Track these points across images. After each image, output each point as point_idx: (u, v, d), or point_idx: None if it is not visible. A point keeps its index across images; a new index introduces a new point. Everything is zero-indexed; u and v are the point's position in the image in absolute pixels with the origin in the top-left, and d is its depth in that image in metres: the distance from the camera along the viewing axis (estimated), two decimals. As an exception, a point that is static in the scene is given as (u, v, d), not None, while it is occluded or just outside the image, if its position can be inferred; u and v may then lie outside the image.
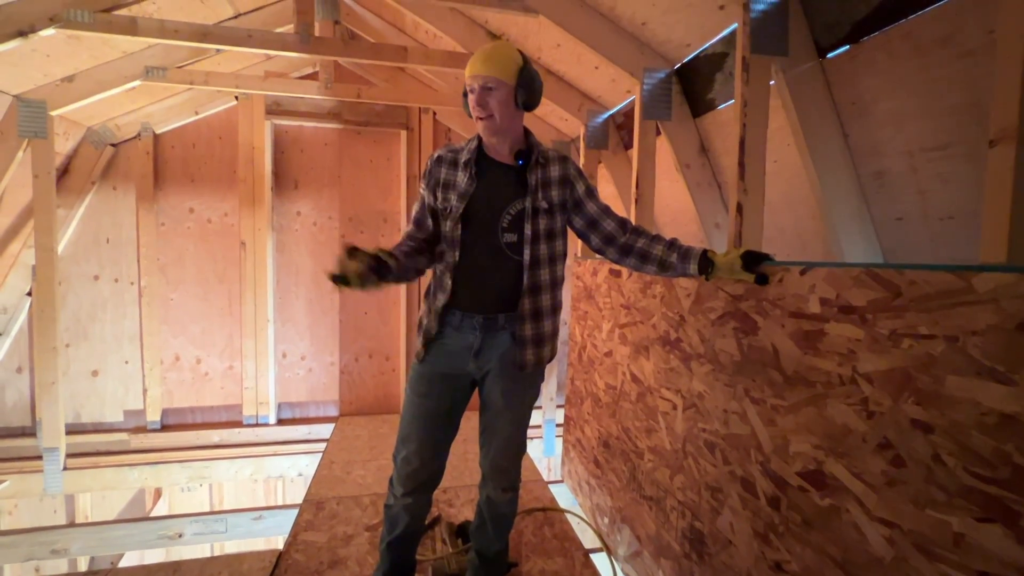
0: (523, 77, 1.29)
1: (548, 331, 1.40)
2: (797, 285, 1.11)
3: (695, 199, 2.13)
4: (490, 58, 1.28)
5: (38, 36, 2.07)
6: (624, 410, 1.98)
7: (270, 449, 3.46)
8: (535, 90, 1.32)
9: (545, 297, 1.37)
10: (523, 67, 1.30)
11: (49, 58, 2.45)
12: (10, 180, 2.71)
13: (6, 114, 2.60)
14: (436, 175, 1.38)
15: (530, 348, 1.36)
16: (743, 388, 1.28)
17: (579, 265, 2.55)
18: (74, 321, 3.31)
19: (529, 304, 1.35)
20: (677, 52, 2.00)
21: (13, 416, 3.25)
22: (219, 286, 3.50)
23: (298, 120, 3.51)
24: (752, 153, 1.48)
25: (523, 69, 1.30)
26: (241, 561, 1.81)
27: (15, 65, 2.39)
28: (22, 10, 2.03)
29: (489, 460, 1.46)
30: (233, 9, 2.78)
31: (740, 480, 1.29)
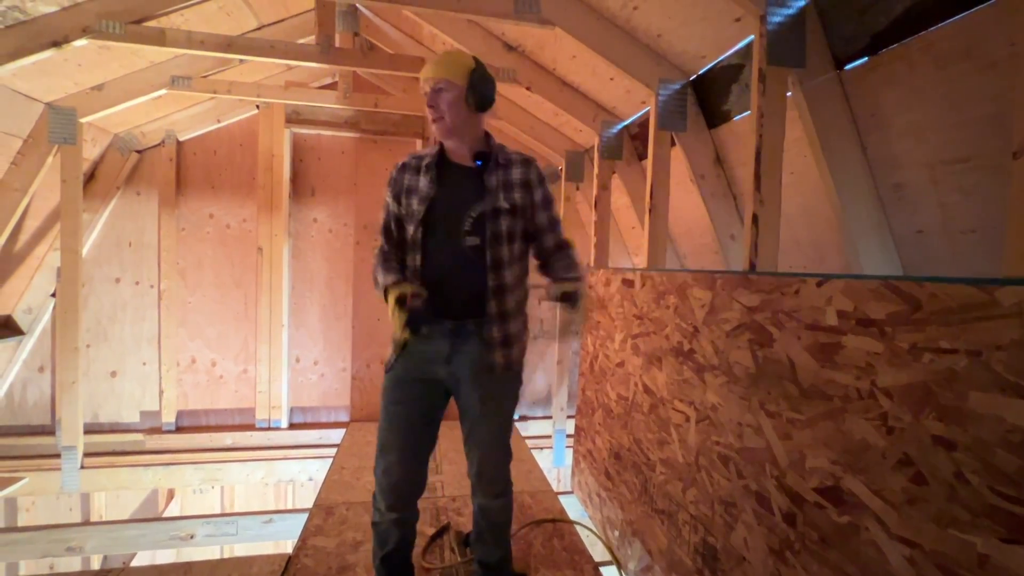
0: (473, 78, 1.31)
1: (515, 332, 1.40)
2: (814, 297, 1.10)
3: (710, 210, 2.12)
4: (440, 62, 1.32)
5: (71, 46, 2.15)
6: (636, 421, 1.96)
7: (281, 453, 3.48)
8: (486, 91, 1.34)
9: (510, 298, 1.37)
10: (474, 69, 1.32)
11: (80, 67, 2.54)
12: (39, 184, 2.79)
13: (38, 121, 2.70)
14: (400, 182, 1.40)
15: (499, 350, 1.36)
16: (758, 401, 1.26)
17: (592, 275, 2.55)
18: (95, 322, 3.38)
19: (495, 306, 1.35)
20: (693, 63, 2.00)
21: (34, 414, 3.32)
22: (236, 290, 3.56)
23: (316, 129, 3.58)
24: (768, 164, 1.48)
25: (474, 71, 1.32)
26: (251, 564, 1.82)
27: (48, 74, 2.48)
28: (57, 21, 2.11)
29: (475, 469, 1.45)
30: (257, 21, 2.86)
31: (755, 495, 1.27)
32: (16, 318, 3.24)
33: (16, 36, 2.09)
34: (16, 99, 2.54)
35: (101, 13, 2.13)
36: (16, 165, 2.71)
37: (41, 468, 3.10)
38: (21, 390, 3.31)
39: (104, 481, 3.17)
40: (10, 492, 2.87)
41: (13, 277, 3.08)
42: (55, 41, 2.11)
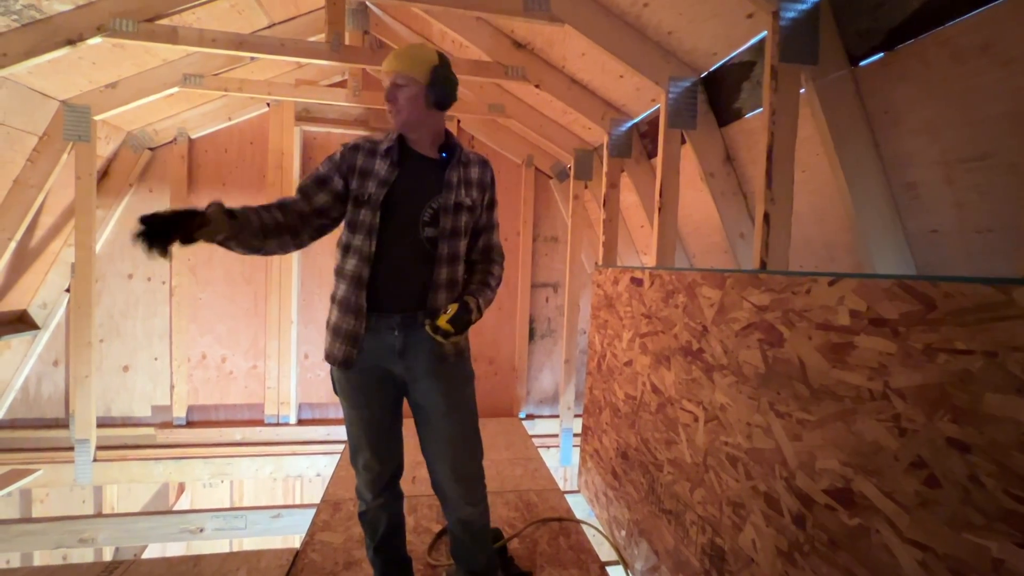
0: (435, 77, 1.29)
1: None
2: (825, 296, 1.08)
3: (720, 209, 2.10)
4: (402, 56, 1.29)
5: (85, 44, 2.18)
6: (644, 421, 1.95)
7: (290, 449, 3.51)
8: (447, 90, 1.31)
9: (455, 292, 1.36)
10: (436, 67, 1.29)
11: (94, 65, 2.57)
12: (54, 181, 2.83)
13: (53, 118, 2.73)
14: (351, 161, 1.32)
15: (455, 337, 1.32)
16: (767, 401, 1.25)
17: (600, 273, 2.54)
18: (108, 318, 3.43)
19: (445, 298, 1.33)
20: (703, 61, 1.99)
21: (48, 408, 3.37)
22: (246, 287, 3.59)
23: (326, 127, 3.60)
24: (780, 162, 1.46)
25: (436, 68, 1.29)
26: (259, 558, 1.83)
27: (63, 72, 2.51)
28: (72, 20, 2.14)
29: (448, 471, 1.37)
30: (268, 19, 2.88)
31: (764, 496, 1.26)
32: (31, 313, 3.29)
33: (32, 34, 2.12)
34: (32, 97, 2.58)
35: (115, 11, 2.16)
36: (32, 162, 2.75)
37: (55, 460, 3.15)
38: (36, 384, 3.36)
39: (116, 474, 3.22)
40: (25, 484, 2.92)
41: (28, 272, 3.13)
42: (70, 39, 2.14)
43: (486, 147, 3.77)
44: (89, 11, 2.14)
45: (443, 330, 1.25)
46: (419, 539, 1.98)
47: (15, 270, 3.03)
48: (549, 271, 4.00)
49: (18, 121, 2.57)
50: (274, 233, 1.23)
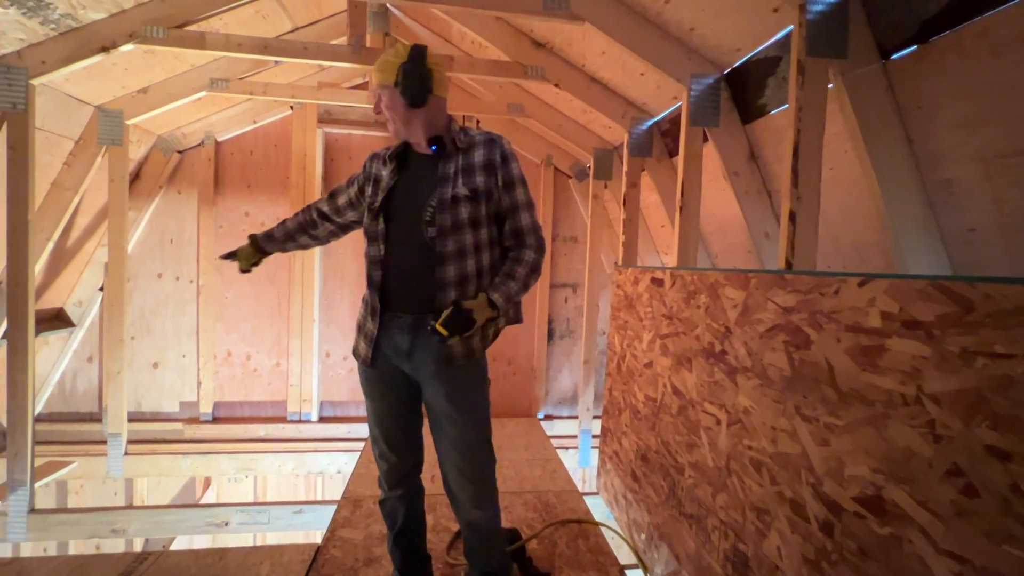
0: (402, 76, 1.24)
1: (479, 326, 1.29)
2: (855, 297, 1.05)
3: (744, 208, 2.06)
4: (377, 64, 1.30)
5: (118, 51, 2.25)
6: (664, 423, 1.92)
7: (311, 445, 3.57)
8: (415, 86, 1.25)
9: (471, 288, 1.30)
10: (402, 65, 1.25)
11: (127, 71, 2.66)
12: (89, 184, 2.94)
13: (88, 123, 2.83)
14: (368, 170, 1.42)
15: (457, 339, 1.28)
16: (793, 405, 1.22)
17: (620, 273, 2.52)
18: (139, 316, 3.54)
19: (456, 295, 1.27)
20: (727, 57, 1.95)
21: (83, 402, 3.50)
22: (270, 287, 3.66)
23: (348, 128, 3.65)
24: (807, 160, 1.42)
25: (402, 67, 1.25)
26: (282, 552, 1.87)
27: (97, 78, 2.60)
28: (106, 28, 2.21)
29: (455, 474, 1.36)
30: (291, 23, 2.93)
31: (789, 502, 1.22)
32: (67, 311, 3.42)
33: (69, 42, 2.20)
34: (69, 103, 2.68)
35: (146, 19, 2.22)
36: (68, 165, 2.86)
37: (89, 453, 3.26)
38: (72, 379, 3.49)
39: (146, 467, 3.32)
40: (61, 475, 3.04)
41: (65, 272, 3.25)
42: (104, 46, 2.22)
43: (505, 147, 3.77)
44: (122, 19, 2.21)
45: (440, 333, 1.21)
46: (438, 537, 1.99)
47: (53, 269, 3.15)
48: (568, 271, 3.98)
49: (56, 126, 2.67)
50: (298, 233, 1.57)
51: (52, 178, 2.81)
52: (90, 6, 2.12)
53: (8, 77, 2.18)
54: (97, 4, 2.13)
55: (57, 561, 1.79)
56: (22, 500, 2.45)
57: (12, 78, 2.18)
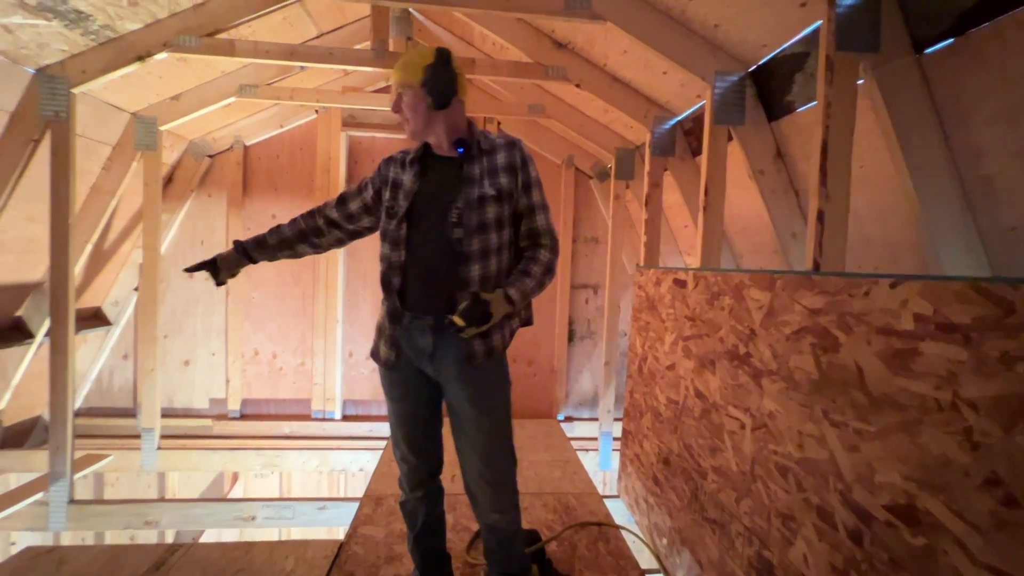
0: (428, 77, 1.26)
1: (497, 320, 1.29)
2: (887, 299, 1.02)
3: (769, 207, 2.01)
4: (399, 64, 1.30)
5: (153, 60, 2.33)
6: (687, 427, 1.89)
7: (335, 443, 3.63)
8: (442, 88, 1.27)
9: (490, 288, 1.31)
10: (428, 66, 1.26)
11: (161, 79, 2.76)
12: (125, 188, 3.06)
13: (125, 130, 2.95)
14: (385, 174, 1.39)
15: (477, 338, 1.29)
16: (821, 409, 1.19)
17: (641, 274, 2.49)
18: (171, 315, 3.66)
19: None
20: (752, 54, 1.91)
21: (119, 398, 3.64)
22: (294, 287, 3.74)
23: (371, 131, 3.71)
24: (836, 157, 1.38)
25: (428, 68, 1.26)
26: (306, 548, 1.90)
27: (133, 86, 2.70)
28: (141, 37, 2.30)
29: (476, 476, 1.37)
30: (316, 29, 3.00)
31: (816, 509, 1.19)
32: (105, 310, 3.56)
33: (107, 52, 2.30)
34: (107, 110, 2.79)
35: (180, 28, 2.30)
36: (106, 170, 2.98)
37: (124, 447, 3.38)
38: (109, 375, 3.63)
39: (177, 462, 3.43)
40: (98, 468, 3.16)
41: (103, 272, 3.39)
42: (139, 56, 2.30)
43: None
44: (157, 28, 2.30)
45: (456, 325, 1.22)
46: (458, 537, 2.00)
47: (91, 270, 3.28)
48: (589, 272, 3.96)
49: (95, 133, 2.79)
50: (297, 240, 1.49)
51: (91, 183, 2.93)
52: (127, 17, 2.21)
53: (51, 87, 2.28)
54: (133, 15, 2.21)
55: (95, 550, 1.86)
56: (62, 491, 2.56)
57: (55, 87, 2.28)
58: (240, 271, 1.53)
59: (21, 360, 2.96)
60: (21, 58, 2.21)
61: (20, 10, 1.96)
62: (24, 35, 2.09)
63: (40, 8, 1.98)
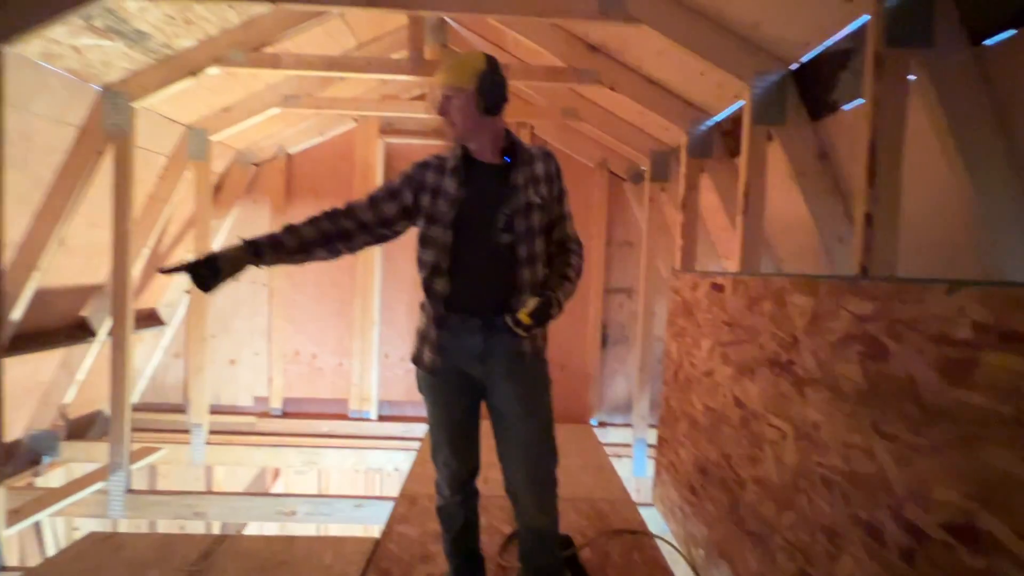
0: (482, 82, 1.27)
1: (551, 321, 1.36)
2: (942, 306, 0.97)
3: (813, 209, 1.94)
4: (448, 68, 1.30)
5: (205, 74, 2.47)
6: (725, 435, 1.84)
7: (371, 443, 3.71)
8: (495, 94, 1.29)
9: (538, 291, 1.35)
10: (482, 72, 1.27)
11: (212, 92, 2.91)
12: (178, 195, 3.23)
13: (179, 141, 3.12)
14: (421, 179, 1.36)
15: (526, 339, 1.34)
16: (870, 421, 1.13)
17: (677, 279, 2.44)
18: (219, 316, 3.84)
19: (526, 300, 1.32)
20: (793, 52, 1.85)
21: (171, 394, 3.84)
22: (333, 290, 3.86)
23: (407, 138, 3.79)
24: (885, 157, 1.33)
25: (482, 74, 1.27)
26: (343, 544, 1.96)
27: (186, 100, 2.86)
28: (194, 54, 2.44)
29: (523, 476, 1.37)
30: (356, 40, 3.09)
31: (864, 525, 1.14)
32: (159, 311, 3.77)
33: (164, 69, 2.44)
34: (163, 123, 2.96)
35: (229, 44, 2.43)
36: (162, 179, 3.16)
37: (175, 441, 3.56)
38: (163, 373, 3.84)
39: (223, 456, 3.58)
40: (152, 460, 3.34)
41: (158, 275, 3.59)
42: (193, 71, 2.44)
43: (559, 151, 3.76)
44: (209, 45, 2.43)
45: (524, 324, 1.27)
46: (490, 540, 2.01)
47: (148, 273, 3.49)
48: (623, 276, 3.91)
49: (152, 144, 2.96)
50: (319, 243, 1.34)
51: (148, 191, 3.12)
52: (183, 35, 2.34)
53: (114, 102, 2.44)
54: (188, 33, 2.34)
55: (150, 538, 1.97)
56: (121, 481, 2.72)
57: (117, 103, 2.44)
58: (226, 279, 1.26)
59: (85, 357, 3.17)
60: (88, 76, 2.38)
61: (88, 32, 2.11)
62: (91, 55, 2.25)
63: (106, 29, 2.13)
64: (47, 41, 2.06)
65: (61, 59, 2.21)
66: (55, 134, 2.41)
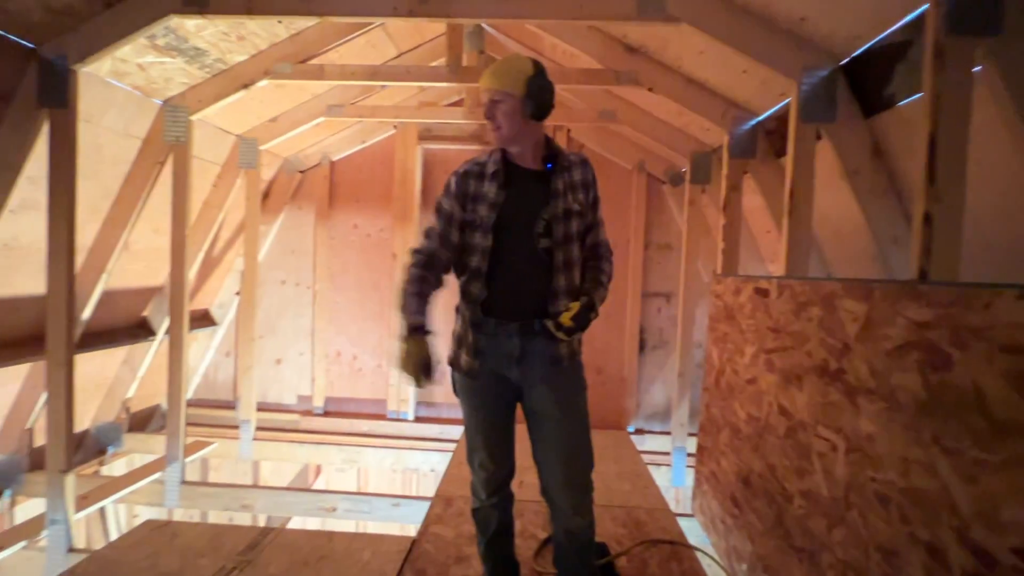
0: (531, 88, 1.28)
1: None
2: (1012, 312, 0.90)
3: (866, 210, 1.85)
4: (498, 71, 1.31)
5: (255, 87, 2.59)
6: (769, 445, 1.77)
7: (408, 443, 3.78)
8: (544, 100, 1.31)
9: (573, 296, 1.37)
10: (531, 77, 1.29)
11: (261, 104, 3.05)
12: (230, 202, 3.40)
13: (231, 150, 3.29)
14: (465, 190, 1.37)
15: (563, 342, 1.36)
16: (931, 434, 1.06)
17: (719, 283, 2.37)
18: (266, 318, 4.01)
19: (564, 305, 1.34)
20: (844, 46, 1.77)
21: (222, 391, 4.04)
22: (373, 292, 3.96)
23: (445, 144, 3.85)
24: (947, 153, 1.25)
25: (531, 80, 1.29)
26: (381, 542, 2.00)
27: (238, 111, 3.01)
28: (246, 67, 2.57)
29: (559, 479, 1.37)
30: (396, 49, 3.18)
31: (925, 545, 1.07)
32: (212, 312, 3.97)
33: (218, 83, 2.58)
34: (217, 134, 3.13)
35: (278, 57, 2.54)
36: (216, 187, 3.34)
37: (226, 436, 3.74)
38: (215, 371, 4.04)
39: (269, 452, 3.73)
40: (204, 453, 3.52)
41: (211, 278, 3.79)
42: (245, 83, 2.57)
43: (596, 154, 3.74)
44: (259, 59, 2.55)
45: (566, 327, 1.29)
46: (525, 544, 2.01)
47: (202, 276, 3.69)
48: (662, 280, 3.83)
49: (207, 154, 3.13)
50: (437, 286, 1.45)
51: (204, 198, 3.30)
52: (235, 50, 2.47)
53: (174, 115, 2.60)
54: (240, 48, 2.47)
55: (201, 527, 2.08)
56: (176, 472, 2.88)
57: (177, 116, 2.60)
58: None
59: (146, 354, 3.38)
60: (151, 91, 2.54)
61: (152, 50, 2.26)
62: (154, 72, 2.41)
63: (167, 48, 2.27)
64: (116, 60, 2.22)
65: (128, 76, 2.37)
66: (122, 146, 2.59)
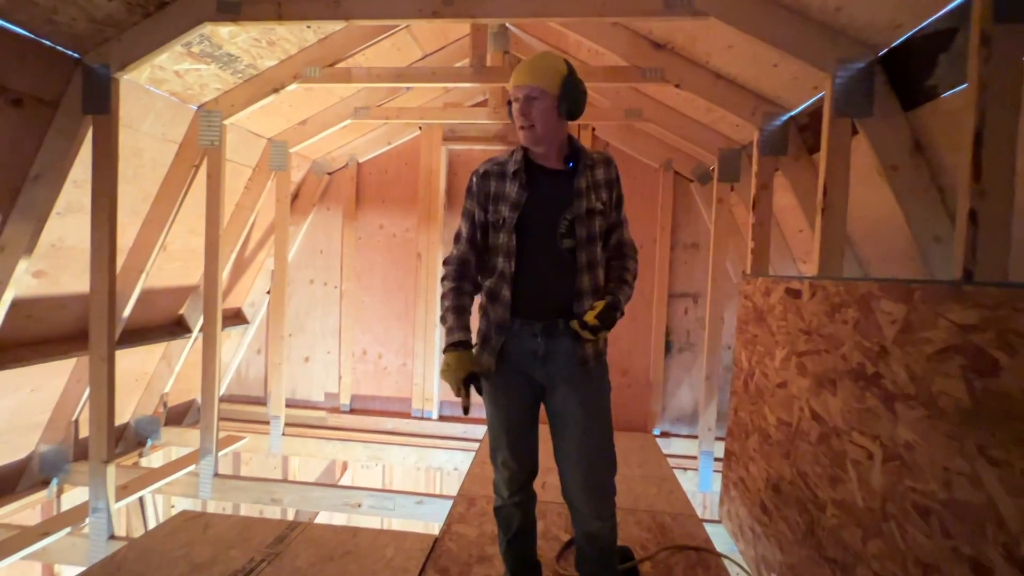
0: (566, 87, 1.28)
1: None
2: (1068, 316, 0.84)
3: (905, 207, 1.77)
4: (534, 68, 1.28)
5: (285, 91, 2.66)
6: (801, 451, 1.71)
7: (431, 442, 3.81)
8: (578, 99, 1.31)
9: (598, 295, 1.37)
10: (567, 76, 1.28)
11: (291, 107, 3.12)
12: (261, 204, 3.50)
13: (262, 153, 3.38)
14: (485, 189, 1.37)
15: (588, 342, 1.35)
16: (975, 444, 1.01)
17: (748, 283, 2.31)
18: (295, 316, 4.11)
19: (589, 304, 1.34)
20: (883, 36, 1.70)
21: (253, 387, 4.15)
22: (399, 292, 4.01)
23: (469, 144, 3.87)
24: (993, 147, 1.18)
25: (566, 79, 1.28)
26: (405, 539, 2.02)
27: (269, 115, 3.09)
28: (276, 72, 2.63)
29: (580, 481, 1.36)
30: (421, 51, 3.21)
31: (969, 561, 1.01)
32: (244, 310, 4.09)
33: (250, 87, 2.66)
34: (249, 137, 3.22)
35: (306, 61, 2.60)
36: (248, 189, 3.44)
37: (256, 431, 3.85)
38: (246, 367, 4.17)
39: (298, 447, 3.82)
40: (236, 448, 3.63)
41: (243, 277, 3.90)
42: (275, 88, 2.64)
43: (621, 152, 3.69)
44: (289, 63, 2.62)
45: (591, 326, 1.29)
46: (548, 545, 1.99)
47: (234, 275, 3.80)
48: (689, 280, 3.76)
49: (240, 157, 3.23)
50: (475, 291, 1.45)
51: (236, 200, 3.40)
52: (266, 56, 2.54)
53: (208, 120, 2.69)
54: (270, 54, 2.54)
55: (233, 519, 2.14)
56: (209, 465, 2.97)
57: (211, 120, 2.69)
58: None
59: (182, 351, 3.50)
60: (187, 97, 2.64)
61: (188, 58, 2.34)
62: (189, 78, 2.50)
63: (201, 55, 2.35)
64: (154, 68, 2.31)
65: (165, 83, 2.46)
66: (160, 150, 2.69)
